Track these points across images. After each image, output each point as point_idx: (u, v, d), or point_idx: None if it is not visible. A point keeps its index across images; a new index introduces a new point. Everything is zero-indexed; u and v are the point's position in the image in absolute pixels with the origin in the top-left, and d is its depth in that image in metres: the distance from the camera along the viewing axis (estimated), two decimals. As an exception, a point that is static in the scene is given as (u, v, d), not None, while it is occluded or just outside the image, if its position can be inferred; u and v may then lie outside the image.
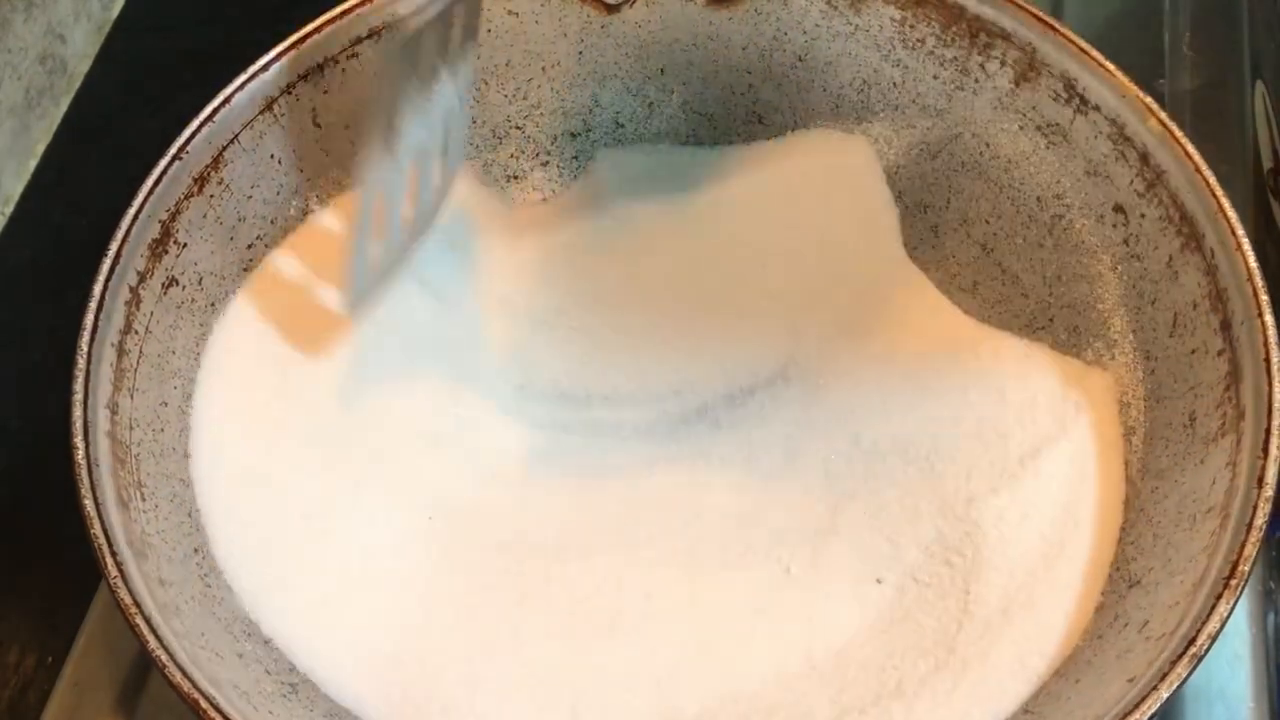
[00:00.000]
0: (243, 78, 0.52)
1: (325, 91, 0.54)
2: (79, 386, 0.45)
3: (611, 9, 0.57)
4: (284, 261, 0.54)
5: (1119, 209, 0.52)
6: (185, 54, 0.66)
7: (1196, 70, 0.67)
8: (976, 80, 0.55)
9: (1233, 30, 0.68)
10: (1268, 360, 0.46)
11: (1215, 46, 0.67)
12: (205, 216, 0.51)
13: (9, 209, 0.63)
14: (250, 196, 0.53)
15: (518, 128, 0.59)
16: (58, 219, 0.63)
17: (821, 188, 0.57)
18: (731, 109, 0.59)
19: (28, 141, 0.64)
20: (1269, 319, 0.46)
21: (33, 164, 0.64)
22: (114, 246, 0.48)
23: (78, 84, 0.66)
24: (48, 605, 0.54)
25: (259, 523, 0.49)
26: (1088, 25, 0.53)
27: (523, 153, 0.59)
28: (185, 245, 0.50)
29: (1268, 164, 0.62)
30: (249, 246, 0.53)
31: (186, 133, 0.50)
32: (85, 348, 0.46)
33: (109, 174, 0.50)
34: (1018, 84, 0.54)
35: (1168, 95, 0.65)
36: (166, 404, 0.49)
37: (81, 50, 0.66)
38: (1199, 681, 0.51)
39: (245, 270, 0.53)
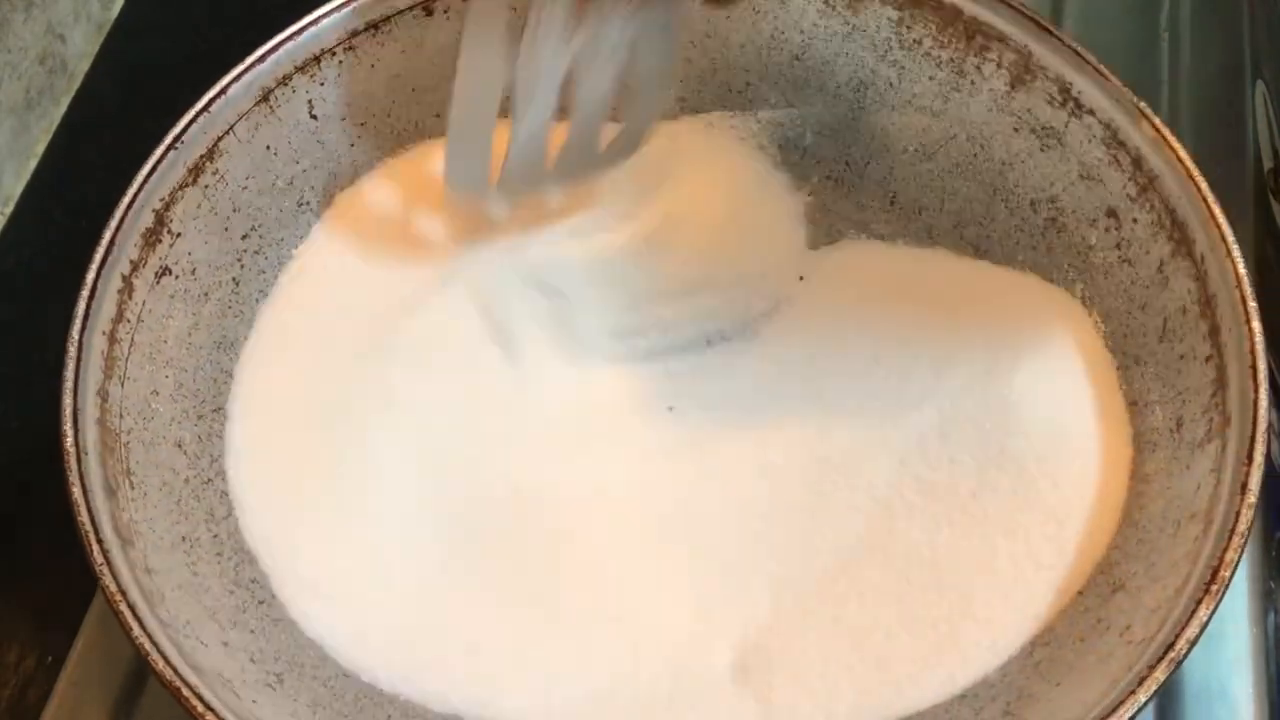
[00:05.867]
0: (239, 69, 0.52)
1: (321, 84, 0.54)
2: (69, 374, 0.46)
3: (610, 6, 0.57)
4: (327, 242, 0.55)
5: (1111, 213, 0.52)
6: (185, 54, 0.66)
7: (1196, 70, 0.66)
8: (972, 82, 0.55)
9: (1233, 30, 0.67)
10: (1254, 367, 0.46)
11: (1215, 46, 0.67)
12: (200, 207, 0.51)
13: (9, 209, 0.63)
14: (245, 188, 0.53)
15: (515, 122, 0.59)
16: (58, 219, 0.63)
17: None
18: (728, 107, 0.59)
19: (28, 141, 0.64)
20: (1256, 326, 0.46)
21: (33, 164, 0.64)
22: (107, 235, 0.48)
23: (78, 84, 0.66)
24: (48, 605, 0.54)
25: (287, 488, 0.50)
26: (1088, 25, 0.53)
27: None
28: (179, 235, 0.51)
29: (1268, 164, 0.62)
30: (244, 237, 0.53)
31: (182, 123, 0.51)
32: (76, 335, 0.46)
33: (109, 174, 0.50)
34: (1013, 86, 0.54)
35: (1167, 95, 0.65)
36: (158, 392, 0.49)
37: (81, 50, 0.66)
38: (1199, 681, 0.52)
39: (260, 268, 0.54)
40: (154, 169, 0.50)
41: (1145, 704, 0.41)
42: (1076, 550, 0.49)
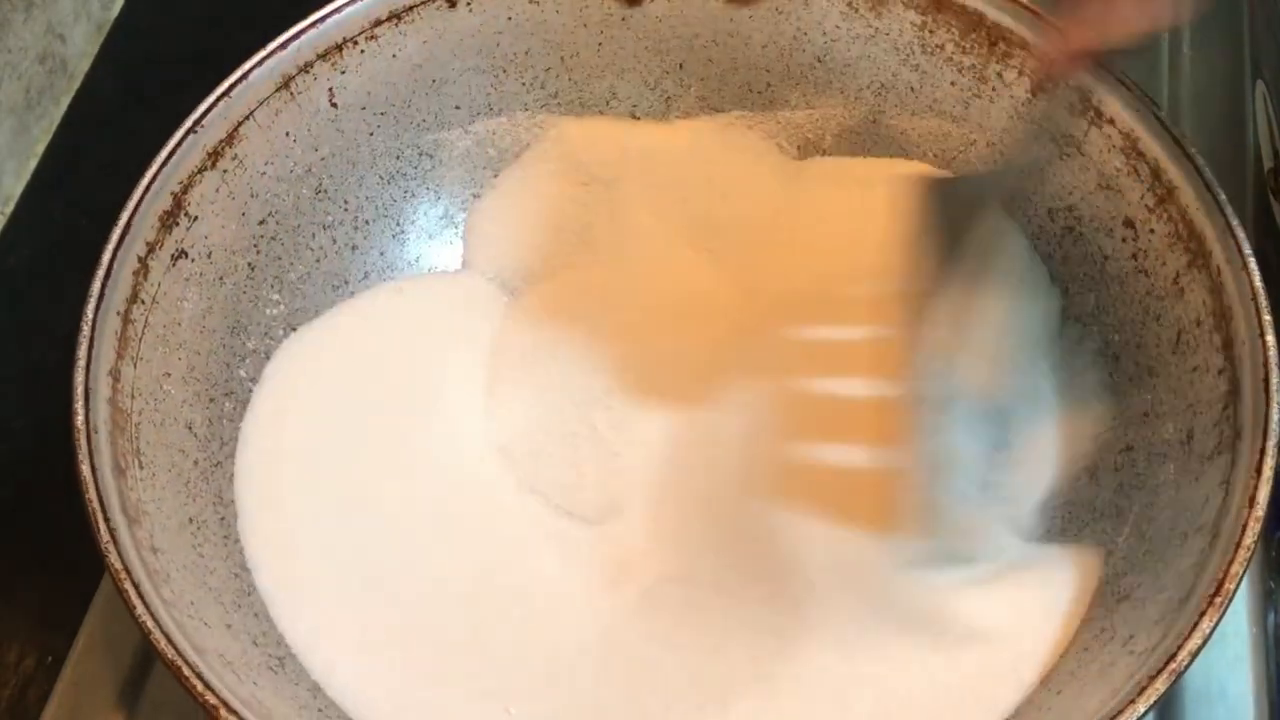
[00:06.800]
0: (261, 54, 0.52)
1: (343, 72, 0.54)
2: (82, 353, 0.46)
3: (633, 2, 0.57)
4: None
5: (1129, 223, 0.52)
6: (185, 54, 0.66)
7: (1196, 70, 0.66)
8: (994, 88, 0.55)
9: (1233, 30, 0.67)
10: (1267, 381, 0.45)
11: (1215, 46, 0.67)
12: (218, 191, 0.52)
13: (9, 209, 0.63)
14: (264, 173, 0.53)
15: (535, 118, 0.59)
16: (58, 218, 0.63)
17: None
18: (748, 106, 0.59)
19: (28, 141, 0.64)
20: (1270, 339, 0.46)
21: (33, 164, 0.64)
22: (125, 216, 0.48)
23: (78, 84, 0.67)
24: (48, 605, 0.54)
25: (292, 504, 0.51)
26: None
27: (538, 142, 0.59)
28: (196, 218, 0.51)
29: (1268, 164, 0.61)
30: (260, 223, 0.53)
31: (202, 106, 0.51)
32: (91, 315, 0.47)
33: (108, 174, 0.50)
34: (1034, 94, 0.54)
35: (1167, 95, 0.65)
36: (170, 374, 0.49)
37: (81, 50, 0.67)
38: (1199, 681, 0.51)
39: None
40: (173, 152, 0.50)
41: (1145, 714, 0.41)
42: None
